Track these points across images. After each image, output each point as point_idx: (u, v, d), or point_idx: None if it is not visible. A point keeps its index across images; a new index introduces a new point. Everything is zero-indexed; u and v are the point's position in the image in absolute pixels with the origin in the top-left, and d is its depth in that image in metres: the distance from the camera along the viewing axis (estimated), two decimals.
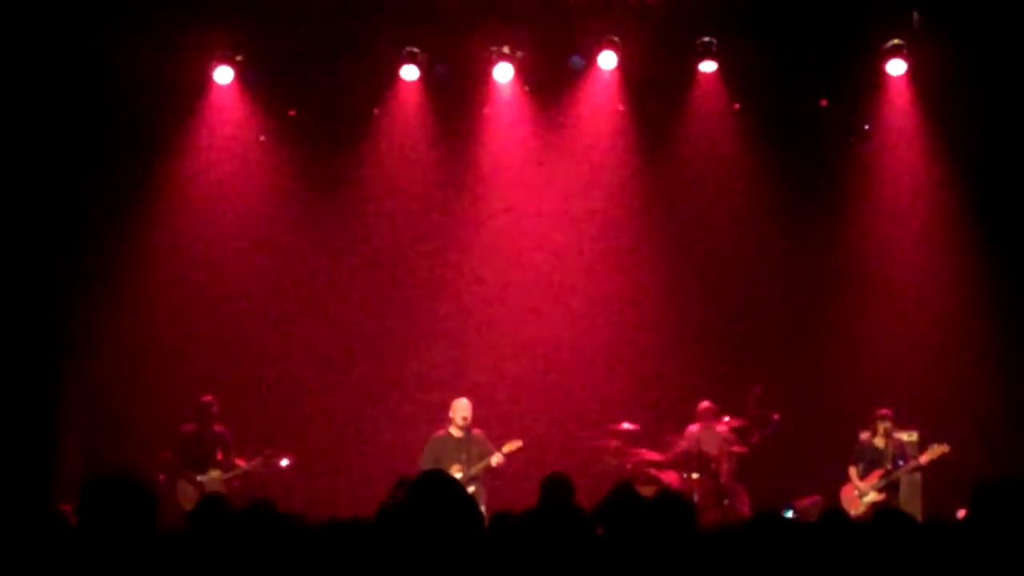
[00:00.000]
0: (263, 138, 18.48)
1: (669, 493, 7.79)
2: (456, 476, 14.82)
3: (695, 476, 16.73)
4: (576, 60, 18.05)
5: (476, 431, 16.08)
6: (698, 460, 16.82)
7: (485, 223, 18.70)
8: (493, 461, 15.82)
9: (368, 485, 16.54)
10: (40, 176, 17.17)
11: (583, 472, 15.90)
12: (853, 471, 16.31)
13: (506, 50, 17.74)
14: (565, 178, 18.68)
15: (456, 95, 18.43)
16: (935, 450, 15.82)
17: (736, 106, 18.32)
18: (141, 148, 17.79)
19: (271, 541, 7.15)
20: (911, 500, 16.09)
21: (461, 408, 16.05)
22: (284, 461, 16.49)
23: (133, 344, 17.73)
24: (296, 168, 18.52)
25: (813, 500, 16.31)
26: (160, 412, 17.23)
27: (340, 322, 18.62)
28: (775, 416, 17.17)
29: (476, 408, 16.15)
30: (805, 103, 18.15)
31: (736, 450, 17.15)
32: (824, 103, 18.20)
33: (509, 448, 15.86)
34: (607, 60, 17.75)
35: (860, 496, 16.12)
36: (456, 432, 16.03)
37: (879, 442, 16.23)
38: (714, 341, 18.16)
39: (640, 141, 18.56)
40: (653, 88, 18.23)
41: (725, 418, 17.34)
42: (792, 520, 7.21)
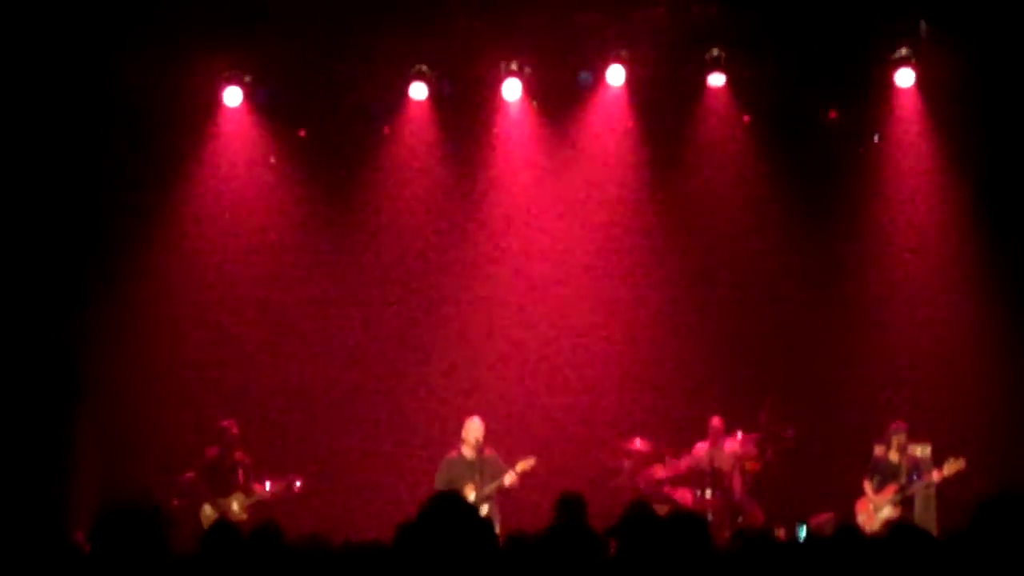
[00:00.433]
0: (273, 159, 18.49)
1: (682, 511, 7.78)
2: (470, 497, 14.89)
3: (708, 493, 16.68)
4: (584, 75, 18.05)
5: (489, 451, 16.04)
6: (711, 477, 16.77)
7: (495, 240, 18.68)
8: (507, 480, 15.78)
9: (380, 506, 16.56)
10: (51, 201, 17.19)
11: (596, 491, 15.88)
12: (868, 485, 16.26)
13: (514, 66, 17.74)
14: (575, 194, 18.65)
15: (465, 112, 18.43)
16: (952, 465, 15.76)
17: (745, 119, 18.31)
18: (151, 171, 17.83)
19: (278, 565, 7.14)
20: (926, 515, 16.03)
21: (473, 429, 16.02)
22: (297, 483, 16.46)
23: (147, 368, 17.73)
24: (307, 188, 18.54)
25: (827, 516, 16.24)
26: (175, 436, 17.25)
27: (352, 341, 18.61)
28: (789, 431, 17.13)
29: (489, 428, 16.12)
30: (814, 115, 18.15)
31: (749, 466, 17.10)
32: (833, 114, 18.18)
33: (522, 466, 15.82)
34: (615, 75, 17.74)
35: (875, 510, 16.07)
36: (468, 453, 15.99)
37: (894, 456, 16.19)
38: (727, 356, 18.10)
39: (649, 155, 18.53)
40: (662, 102, 18.24)
41: (738, 434, 17.29)
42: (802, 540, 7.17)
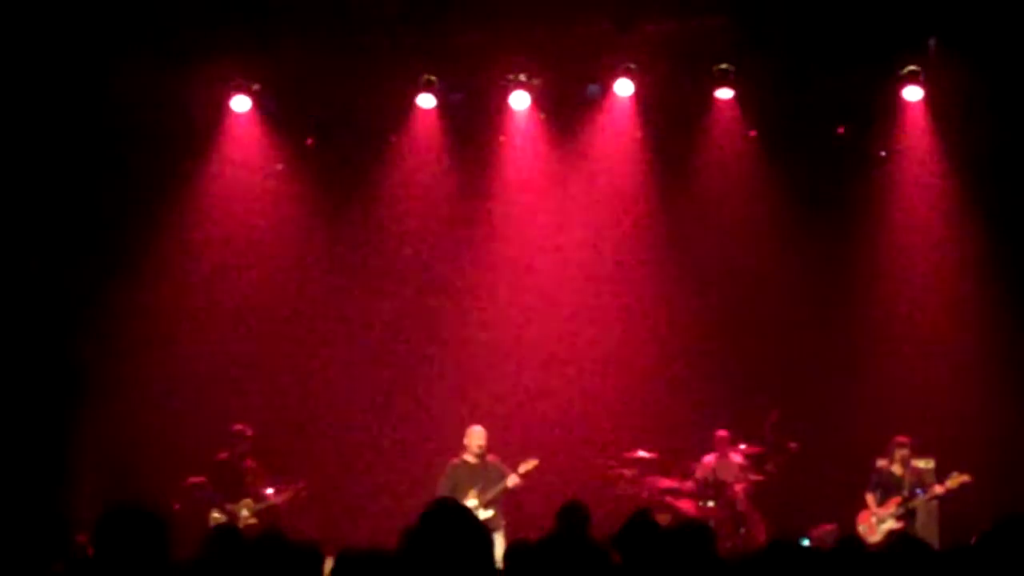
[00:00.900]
0: (281, 166, 18.54)
1: (688, 521, 7.80)
2: (473, 502, 14.95)
3: (711, 504, 16.71)
4: (593, 88, 18.08)
5: (491, 457, 16.06)
6: (714, 488, 16.81)
7: (502, 250, 18.71)
8: (510, 483, 15.81)
9: (383, 511, 16.59)
10: (57, 207, 17.24)
11: (599, 500, 15.89)
12: (870, 498, 16.28)
13: (523, 78, 17.78)
14: (582, 205, 18.69)
15: (473, 123, 18.48)
16: (955, 479, 15.78)
17: (753, 133, 18.33)
18: (159, 178, 17.90)
19: (280, 570, 7.15)
20: (928, 528, 16.04)
21: (476, 435, 16.05)
22: (302, 489, 16.46)
23: (153, 372, 17.77)
24: (314, 196, 18.59)
25: (829, 528, 16.25)
26: (180, 439, 17.29)
27: (357, 348, 18.65)
28: (792, 444, 17.15)
29: (493, 435, 16.13)
30: (822, 129, 18.14)
31: (753, 478, 17.13)
32: (841, 130, 18.19)
33: (525, 468, 15.85)
34: (624, 87, 17.77)
35: (877, 523, 16.08)
36: (471, 459, 16.02)
37: (896, 469, 16.22)
38: (731, 368, 18.12)
39: (657, 168, 18.56)
40: (670, 115, 18.27)
41: (741, 446, 17.33)
42: (808, 548, 7.18)
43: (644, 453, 17.22)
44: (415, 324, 18.71)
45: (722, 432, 17.24)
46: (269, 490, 16.39)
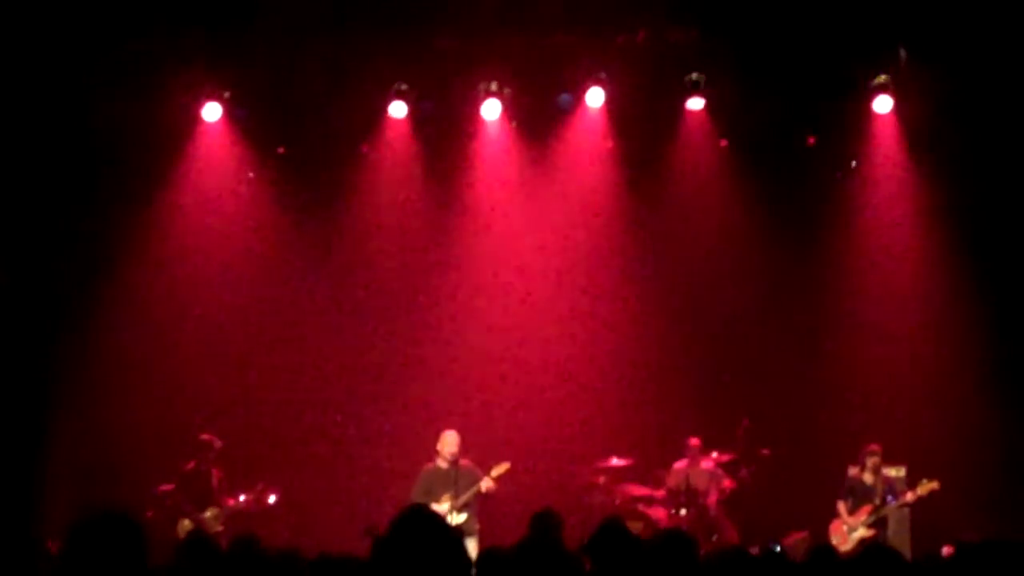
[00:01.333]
0: (252, 175, 18.52)
1: (670, 531, 7.82)
2: (446, 506, 15.00)
3: (683, 512, 16.73)
4: (564, 97, 18.09)
5: (464, 461, 16.06)
6: (686, 495, 16.84)
7: (473, 258, 18.72)
8: (483, 486, 15.82)
9: (356, 518, 16.56)
10: (28, 217, 17.18)
11: (572, 507, 15.93)
12: (842, 506, 16.32)
13: (494, 87, 17.79)
14: (553, 213, 18.71)
15: (444, 132, 18.49)
16: (925, 486, 15.83)
17: (723, 143, 18.39)
18: (129, 187, 17.81)
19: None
20: (899, 536, 16.11)
21: (449, 441, 16.06)
22: (272, 498, 16.48)
23: (124, 380, 17.72)
24: (285, 205, 18.57)
25: (801, 535, 16.30)
26: (150, 447, 17.25)
27: (328, 355, 18.62)
28: (764, 451, 17.21)
29: (466, 442, 16.13)
30: (792, 140, 18.23)
31: (725, 485, 17.17)
32: (811, 140, 18.26)
33: (498, 471, 15.87)
34: (595, 97, 17.80)
35: (849, 531, 16.13)
36: (444, 464, 16.02)
37: (868, 478, 16.26)
38: (703, 376, 18.17)
39: (627, 177, 18.60)
40: (640, 125, 18.30)
41: (713, 453, 17.37)
42: (780, 554, 7.21)
43: (617, 461, 17.25)
44: (387, 332, 18.69)
45: (694, 440, 17.28)
46: (235, 497, 16.38)
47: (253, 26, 16.93)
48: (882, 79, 17.31)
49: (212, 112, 17.83)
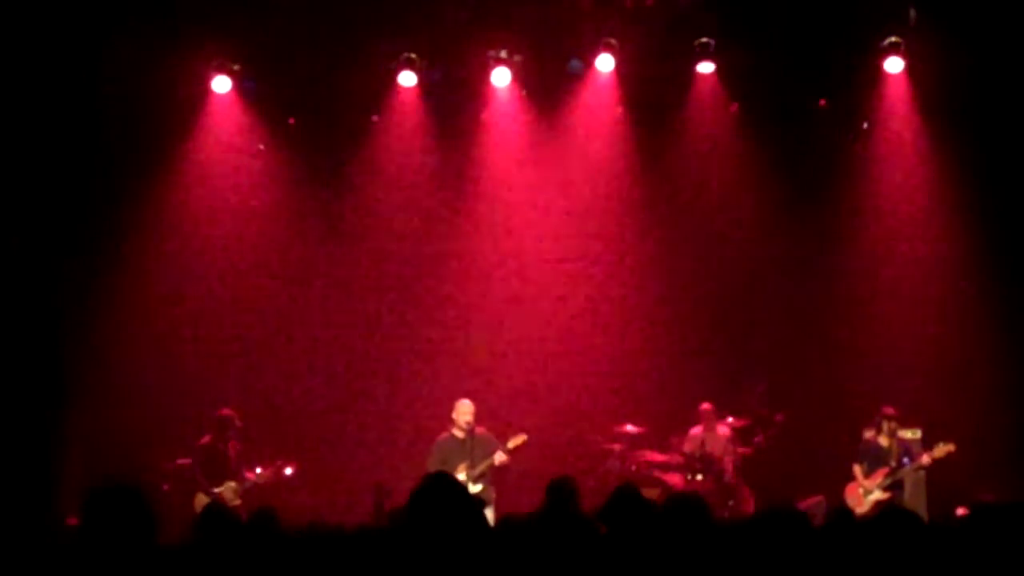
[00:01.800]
0: (262, 146, 18.50)
1: (682, 494, 7.81)
2: (462, 476, 14.97)
3: (699, 477, 16.74)
4: (574, 63, 18.04)
5: (480, 430, 16.03)
6: (702, 461, 16.84)
7: (485, 227, 18.72)
8: (496, 460, 15.77)
9: (372, 488, 16.60)
10: (37, 190, 17.18)
11: (588, 474, 15.95)
12: (858, 469, 16.30)
13: (503, 54, 17.74)
14: (564, 181, 18.69)
15: (454, 100, 18.45)
16: (941, 448, 15.80)
17: (734, 107, 18.34)
18: (140, 159, 17.82)
19: (273, 550, 7.17)
20: (916, 498, 16.10)
21: (464, 410, 16.02)
22: (288, 470, 16.49)
23: (138, 356, 17.74)
24: (295, 176, 18.56)
25: (817, 500, 16.30)
26: (166, 423, 17.29)
27: (341, 327, 18.65)
28: (779, 416, 17.21)
29: (480, 412, 16.11)
30: (803, 102, 18.16)
31: (740, 451, 17.18)
32: (822, 102, 18.20)
33: (514, 443, 15.83)
34: (605, 63, 17.74)
35: (865, 494, 16.11)
36: (460, 433, 15.99)
37: (884, 441, 16.23)
38: (717, 342, 18.18)
39: (639, 143, 18.56)
40: (651, 90, 18.25)
41: (728, 419, 17.38)
42: (799, 514, 7.18)
43: (632, 427, 17.26)
44: (399, 302, 18.70)
45: (706, 405, 17.28)
46: (252, 471, 16.40)
47: None
48: (893, 40, 17.23)
49: (222, 84, 17.81)
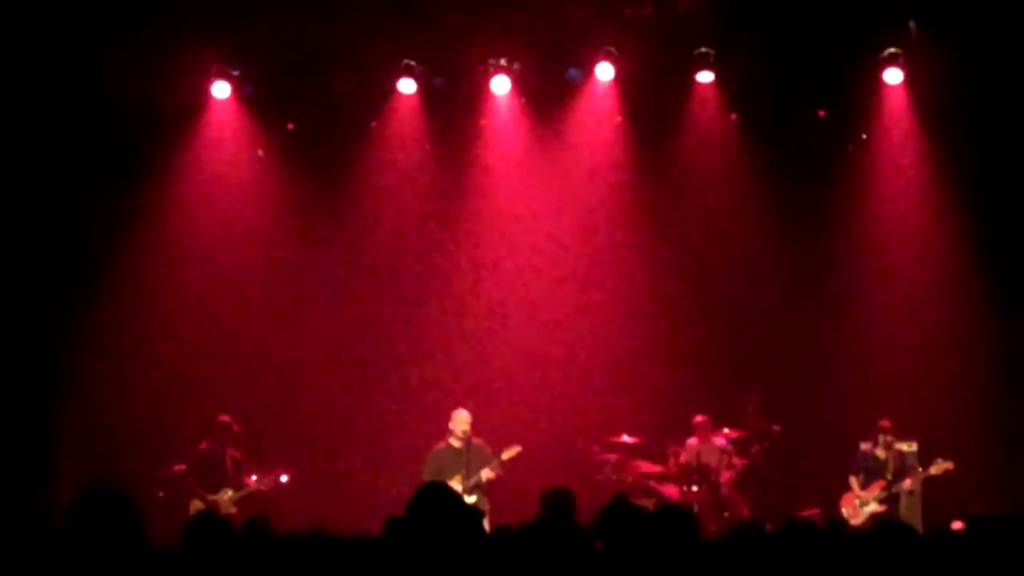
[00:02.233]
0: (261, 152, 18.49)
1: (670, 506, 7.80)
2: (457, 487, 14.90)
3: (695, 488, 16.71)
4: (573, 72, 18.04)
5: (476, 440, 16.04)
6: (698, 472, 16.81)
7: (483, 235, 18.70)
8: (483, 476, 15.74)
9: (369, 498, 16.60)
10: (37, 194, 17.20)
11: (584, 485, 15.92)
12: (854, 481, 16.32)
13: (503, 62, 17.75)
14: (563, 189, 18.68)
15: (453, 107, 18.44)
16: (939, 465, 15.84)
17: (734, 116, 18.33)
18: (140, 164, 17.85)
19: (264, 557, 7.15)
20: (911, 510, 16.10)
21: (460, 419, 16.03)
22: (284, 477, 16.48)
23: (134, 359, 17.75)
24: (294, 181, 18.55)
25: (813, 511, 16.28)
26: (162, 428, 17.30)
27: (339, 333, 18.64)
28: (775, 427, 17.19)
29: (476, 421, 16.12)
30: (802, 112, 18.16)
31: (736, 462, 17.16)
32: (822, 112, 18.19)
33: (508, 454, 15.84)
34: (604, 71, 17.74)
35: (860, 506, 16.13)
36: (456, 443, 15.99)
37: (880, 453, 16.26)
38: (714, 352, 18.14)
39: (638, 152, 18.55)
40: (650, 99, 18.25)
41: (724, 430, 17.35)
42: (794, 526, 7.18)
43: (628, 438, 17.23)
44: (397, 307, 18.69)
45: (700, 417, 17.25)
46: (249, 478, 16.39)
47: (262, 4, 16.91)
48: (893, 51, 17.23)
49: (221, 90, 17.81)
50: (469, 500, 15.24)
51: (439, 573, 5.56)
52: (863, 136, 18.30)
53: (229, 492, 16.22)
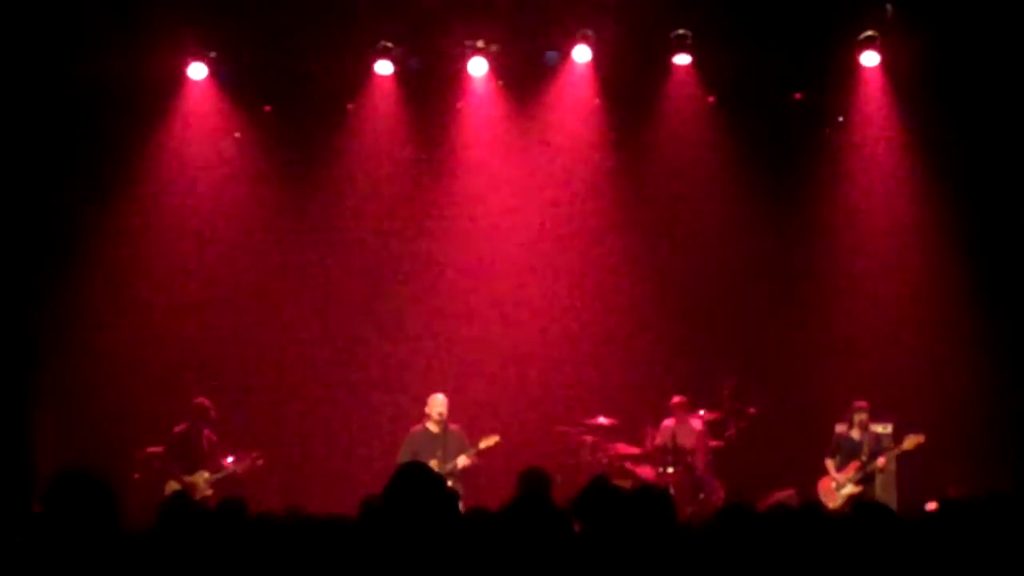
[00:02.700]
0: (238, 134, 18.43)
1: (647, 487, 7.79)
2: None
3: (670, 470, 16.72)
4: (550, 54, 18.02)
5: (453, 426, 16.04)
6: (674, 454, 16.82)
7: (459, 217, 18.68)
8: (460, 463, 15.73)
9: (345, 481, 16.57)
10: (13, 175, 17.12)
11: (560, 466, 15.94)
12: (830, 463, 16.36)
13: (480, 44, 17.71)
14: (539, 172, 18.66)
15: (430, 89, 18.39)
16: (911, 440, 15.89)
17: (710, 99, 18.32)
18: (116, 146, 17.78)
19: (239, 539, 7.14)
20: (887, 492, 16.16)
21: (437, 403, 16.02)
22: (260, 460, 16.47)
23: (110, 342, 17.68)
24: (271, 164, 18.49)
25: (788, 493, 16.32)
26: (138, 411, 17.25)
27: (314, 317, 18.60)
28: (751, 409, 17.22)
29: (453, 404, 16.12)
30: (779, 95, 18.16)
31: (712, 443, 17.19)
32: (798, 95, 18.21)
33: (485, 443, 15.85)
34: (581, 54, 17.74)
35: (837, 488, 16.17)
36: (433, 427, 15.98)
37: (855, 434, 16.31)
38: (690, 334, 18.17)
39: (615, 135, 18.56)
40: (627, 82, 18.24)
41: (700, 412, 17.37)
42: (767, 513, 7.19)
43: (604, 420, 17.22)
44: (373, 290, 18.65)
45: (677, 398, 17.27)
46: (229, 459, 16.37)
47: None
48: (869, 33, 17.25)
49: (198, 71, 17.75)
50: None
51: (417, 552, 5.55)
52: (840, 119, 18.34)
53: (205, 474, 16.20)
